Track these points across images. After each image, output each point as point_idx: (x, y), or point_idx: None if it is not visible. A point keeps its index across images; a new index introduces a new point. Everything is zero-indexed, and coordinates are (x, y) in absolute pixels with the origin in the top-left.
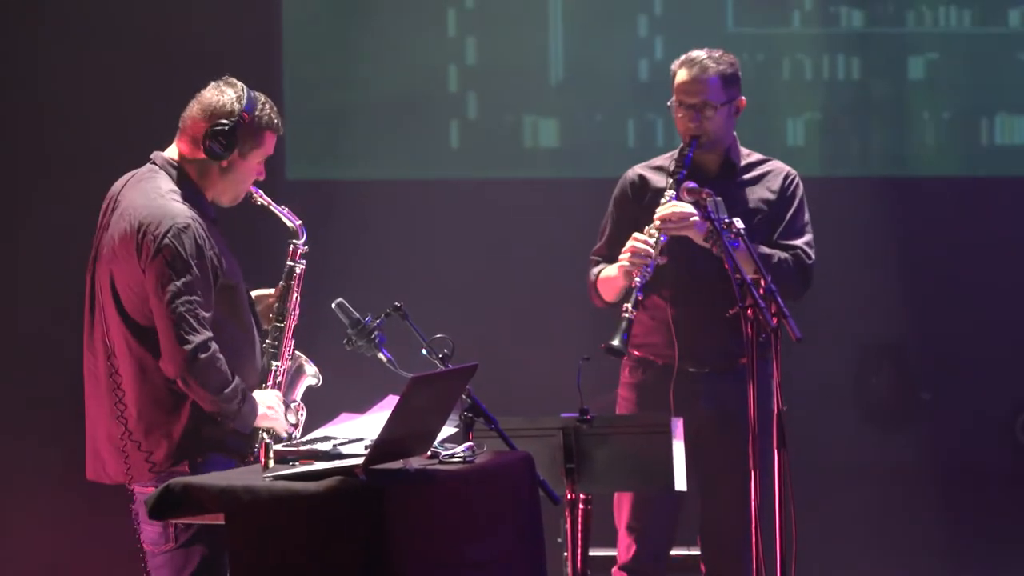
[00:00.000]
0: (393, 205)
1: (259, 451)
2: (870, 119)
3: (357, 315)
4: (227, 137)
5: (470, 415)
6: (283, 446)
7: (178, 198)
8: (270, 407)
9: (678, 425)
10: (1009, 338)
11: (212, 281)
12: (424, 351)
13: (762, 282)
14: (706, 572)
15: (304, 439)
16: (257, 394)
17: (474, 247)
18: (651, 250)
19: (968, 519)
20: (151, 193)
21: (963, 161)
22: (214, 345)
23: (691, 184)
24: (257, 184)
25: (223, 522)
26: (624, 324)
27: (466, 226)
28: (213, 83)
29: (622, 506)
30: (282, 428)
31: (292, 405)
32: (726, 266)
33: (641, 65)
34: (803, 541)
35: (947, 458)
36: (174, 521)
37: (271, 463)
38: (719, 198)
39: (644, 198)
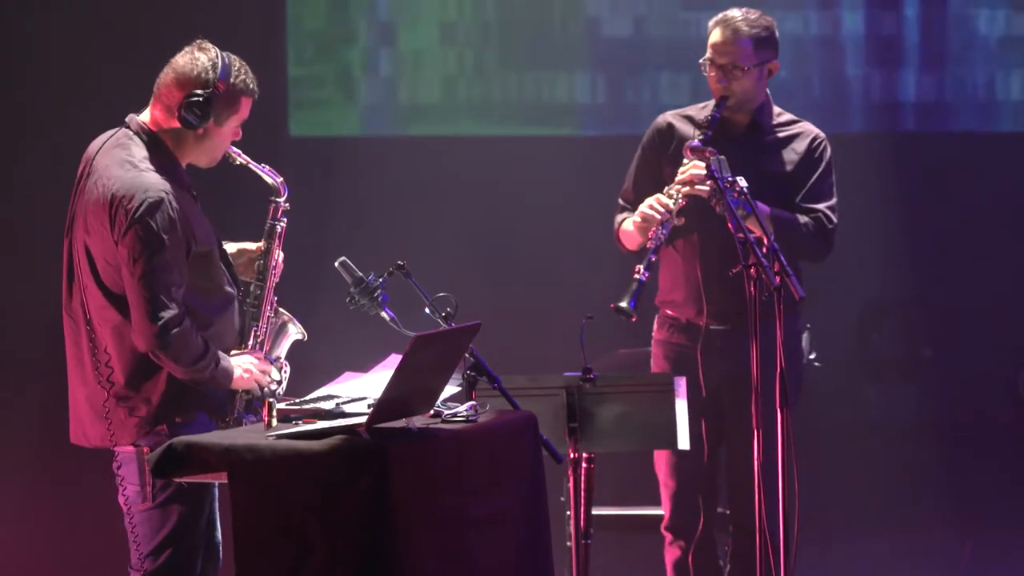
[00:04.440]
0: (396, 162)
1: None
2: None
3: (360, 273)
4: (202, 108)
5: (473, 374)
6: (286, 404)
7: (152, 167)
8: (246, 370)
9: (680, 384)
10: (1011, 294)
11: (185, 254)
12: (427, 310)
13: (765, 240)
14: (734, 527)
15: (307, 398)
16: (234, 358)
17: (478, 204)
18: (667, 213)
19: (971, 475)
20: (125, 163)
21: (967, 116)
22: (187, 320)
23: (694, 143)
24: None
25: (226, 480)
26: (635, 286)
27: (470, 183)
28: (186, 48)
29: (659, 467)
30: (258, 390)
31: (276, 363)
32: (729, 225)
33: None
34: (805, 498)
35: (949, 415)
36: (151, 481)
37: (274, 422)
38: (723, 157)
39: (670, 146)
